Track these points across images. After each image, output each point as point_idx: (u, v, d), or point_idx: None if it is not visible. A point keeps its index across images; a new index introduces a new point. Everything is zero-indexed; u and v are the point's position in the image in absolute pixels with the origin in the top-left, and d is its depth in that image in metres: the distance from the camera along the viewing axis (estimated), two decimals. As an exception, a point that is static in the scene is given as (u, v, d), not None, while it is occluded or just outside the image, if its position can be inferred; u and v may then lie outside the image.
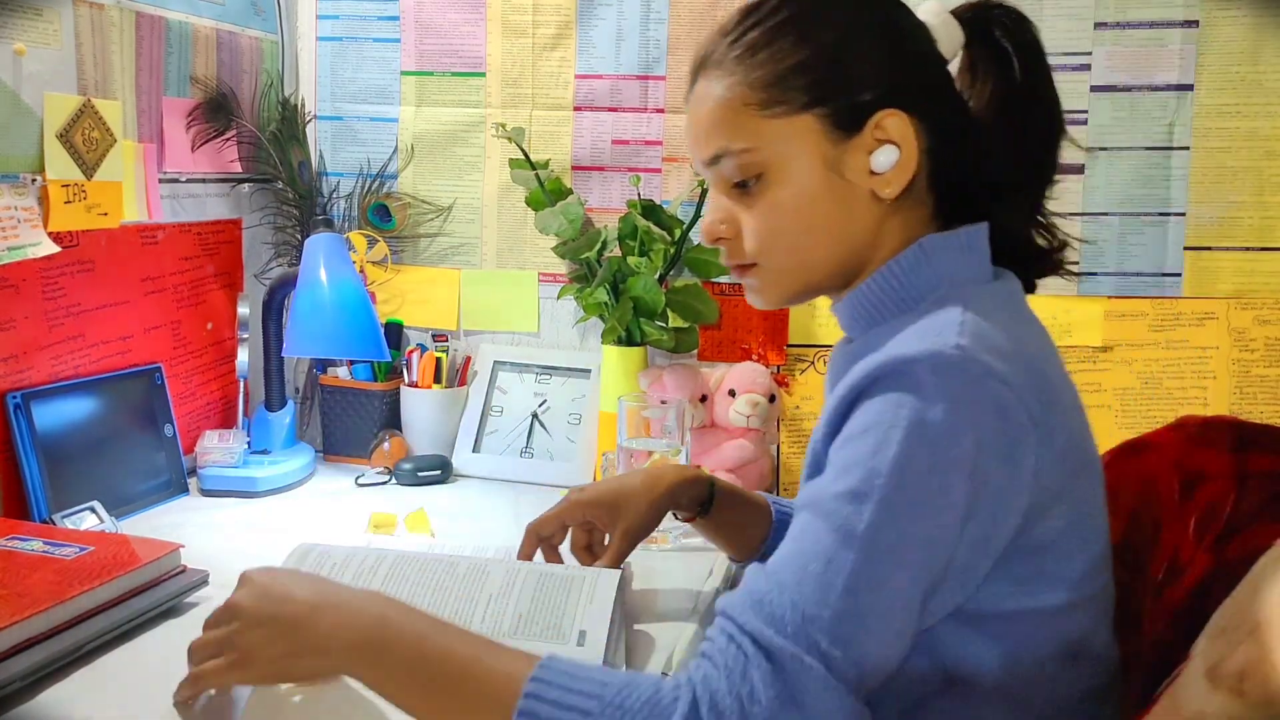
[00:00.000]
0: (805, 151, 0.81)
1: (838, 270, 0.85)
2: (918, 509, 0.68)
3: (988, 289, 0.82)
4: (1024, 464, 0.71)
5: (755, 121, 0.81)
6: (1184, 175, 1.48)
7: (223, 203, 1.62)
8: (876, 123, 0.80)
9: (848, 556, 0.67)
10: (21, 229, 1.20)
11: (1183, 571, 0.85)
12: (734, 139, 0.82)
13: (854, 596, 0.66)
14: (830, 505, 0.69)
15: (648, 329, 1.52)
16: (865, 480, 0.68)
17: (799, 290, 0.87)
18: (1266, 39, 1.44)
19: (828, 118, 0.80)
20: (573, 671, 0.68)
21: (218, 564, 1.09)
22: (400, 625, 0.74)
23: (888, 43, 0.81)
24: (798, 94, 0.80)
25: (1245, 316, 1.48)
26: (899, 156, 0.80)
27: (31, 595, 0.90)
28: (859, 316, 0.85)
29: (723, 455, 1.47)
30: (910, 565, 0.68)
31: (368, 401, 1.64)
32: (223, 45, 1.56)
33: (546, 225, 1.55)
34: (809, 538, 0.69)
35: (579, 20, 1.63)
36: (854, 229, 0.82)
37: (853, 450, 0.70)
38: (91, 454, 1.31)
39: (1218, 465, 0.87)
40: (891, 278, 0.82)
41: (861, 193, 0.81)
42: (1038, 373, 0.75)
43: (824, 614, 0.65)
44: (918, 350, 0.70)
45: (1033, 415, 0.71)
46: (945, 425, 0.68)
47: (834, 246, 0.83)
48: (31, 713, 0.84)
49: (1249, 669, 0.61)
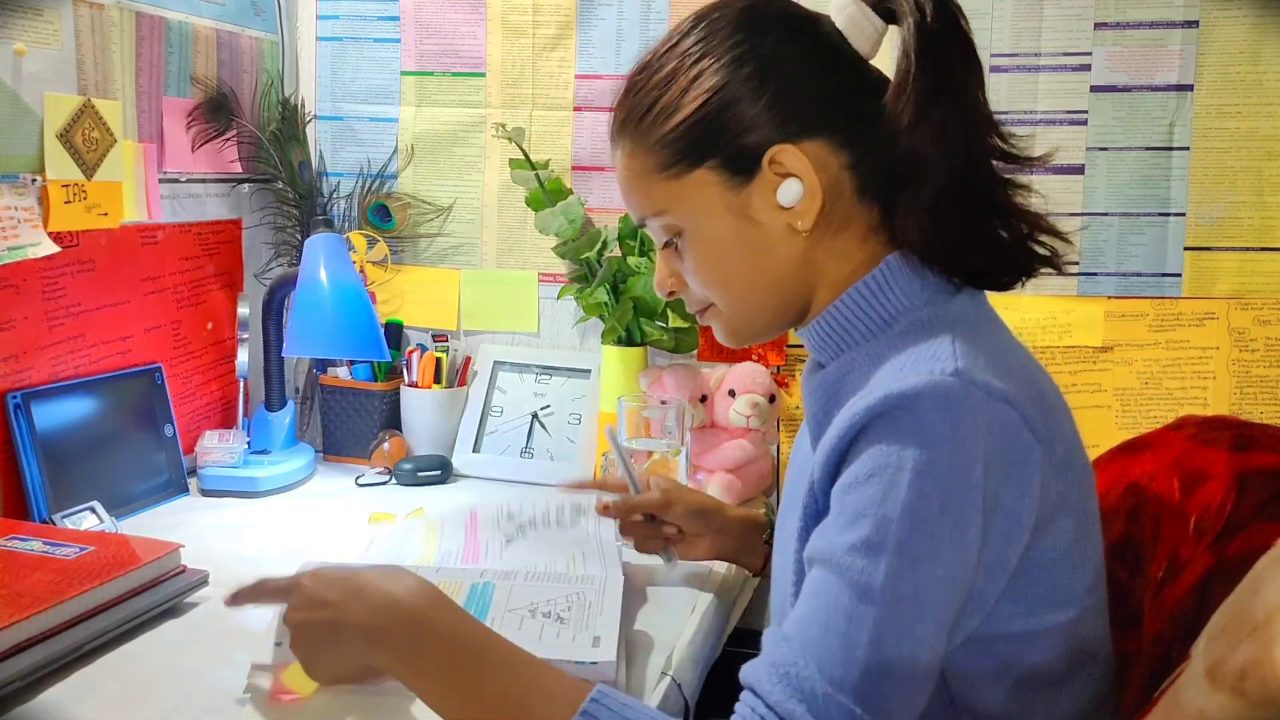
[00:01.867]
0: (710, 206, 0.81)
1: (781, 308, 0.84)
2: (935, 552, 0.67)
3: (967, 304, 0.80)
4: (1032, 480, 0.70)
5: (659, 185, 0.82)
6: (1184, 175, 1.48)
7: (223, 203, 1.62)
8: (770, 159, 0.78)
9: (868, 611, 0.66)
10: (21, 229, 1.20)
11: (1182, 571, 0.85)
12: (645, 205, 0.84)
13: (879, 650, 0.66)
14: (845, 560, 0.68)
15: (648, 329, 1.52)
16: (877, 530, 0.67)
17: (751, 332, 0.87)
18: (1266, 39, 1.44)
19: (721, 168, 0.80)
20: (623, 711, 0.69)
21: (218, 564, 1.09)
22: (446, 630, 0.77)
23: (770, 80, 0.78)
24: (687, 152, 0.80)
25: (1245, 317, 1.48)
26: (803, 188, 0.78)
27: (31, 595, 0.90)
28: (828, 342, 0.83)
29: (723, 455, 1.47)
30: (933, 608, 0.68)
31: (368, 401, 1.64)
32: (223, 45, 1.56)
33: (546, 225, 1.55)
34: (827, 595, 0.68)
35: (579, 20, 1.63)
36: (781, 267, 0.81)
37: (860, 497, 0.69)
38: (91, 454, 1.31)
39: (1218, 465, 0.87)
40: (859, 301, 0.80)
41: (778, 230, 0.80)
42: (1031, 384, 0.74)
43: (851, 674, 0.65)
44: (914, 384, 0.68)
45: (1035, 430, 0.70)
46: (952, 461, 0.67)
47: (765, 287, 0.83)
48: (31, 713, 0.84)
49: (1249, 669, 0.61)
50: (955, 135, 0.76)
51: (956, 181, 0.77)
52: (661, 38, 0.84)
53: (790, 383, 1.60)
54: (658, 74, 0.81)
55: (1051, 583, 0.74)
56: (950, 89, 0.76)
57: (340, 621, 0.78)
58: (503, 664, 0.74)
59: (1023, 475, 0.70)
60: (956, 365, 0.69)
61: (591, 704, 0.69)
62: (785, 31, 0.80)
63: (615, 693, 0.71)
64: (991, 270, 0.82)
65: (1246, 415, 1.47)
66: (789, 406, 1.60)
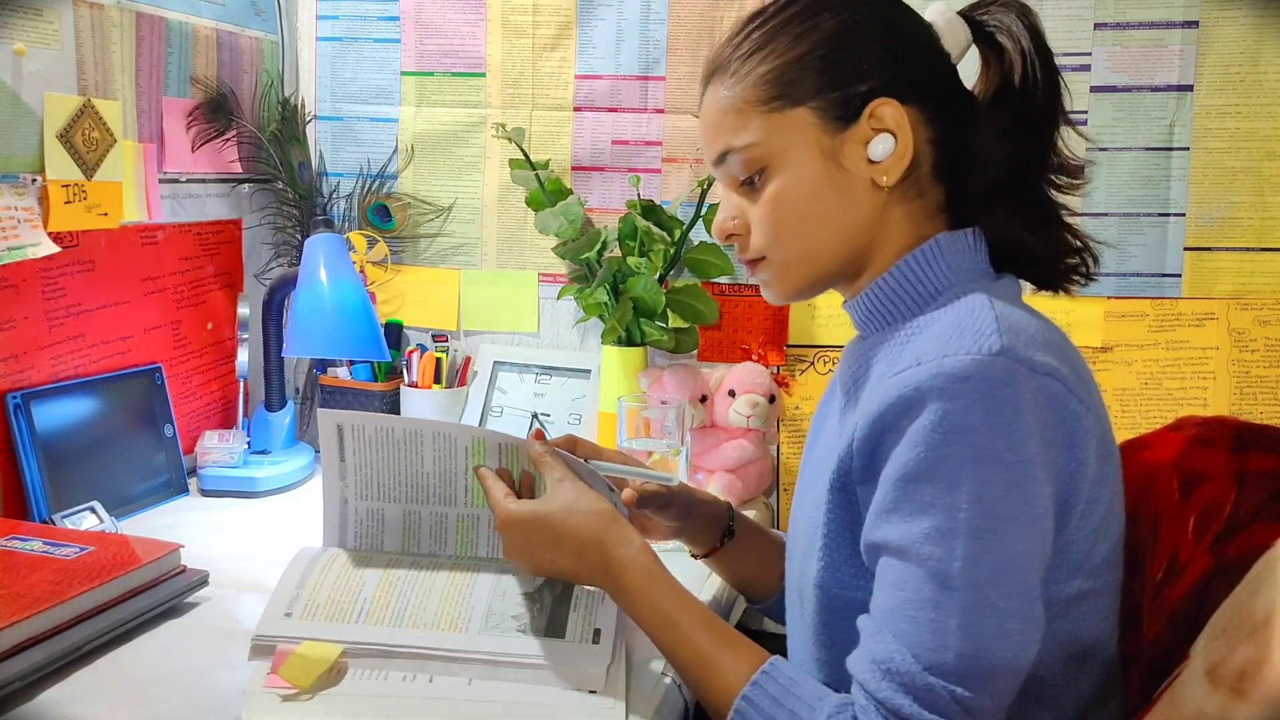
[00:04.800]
0: (804, 144, 0.82)
1: (844, 261, 0.86)
2: (1007, 531, 0.70)
3: (1009, 285, 0.84)
4: (1087, 445, 0.74)
5: (756, 118, 0.83)
6: (1184, 175, 1.48)
7: (223, 203, 1.62)
8: (871, 111, 0.81)
9: (952, 598, 0.69)
10: (21, 229, 1.20)
11: (1182, 571, 0.85)
12: (736, 136, 0.84)
13: (970, 633, 0.68)
14: (921, 549, 0.70)
15: (648, 329, 1.52)
16: (947, 516, 0.69)
17: (808, 281, 0.88)
18: (1266, 39, 1.44)
19: (824, 110, 0.82)
20: (790, 686, 0.77)
21: (218, 564, 1.09)
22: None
23: (883, 37, 0.83)
24: (794, 89, 0.82)
25: (1245, 317, 1.48)
26: (895, 145, 0.81)
27: (31, 595, 0.90)
28: (873, 314, 0.86)
29: (723, 455, 1.47)
30: (1015, 584, 0.70)
31: (368, 402, 1.64)
32: (223, 45, 1.56)
33: (546, 225, 1.55)
34: (910, 586, 0.70)
35: (579, 20, 1.63)
36: (856, 217, 0.83)
37: (924, 486, 0.70)
38: (91, 454, 1.31)
39: (1218, 465, 0.87)
40: (906, 275, 0.83)
41: (862, 182, 0.82)
42: (1068, 359, 0.77)
43: (947, 659, 0.68)
44: (964, 365, 0.70)
45: (1081, 400, 0.74)
46: (1008, 440, 0.69)
47: (837, 235, 0.84)
48: (31, 713, 0.84)
49: (1249, 669, 0.61)
50: (1033, 145, 0.84)
51: (1020, 181, 0.84)
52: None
53: (790, 383, 1.60)
54: (768, 22, 0.84)
55: (1082, 551, 0.76)
56: (1052, 103, 0.84)
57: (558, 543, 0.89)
58: (696, 620, 0.84)
59: (1075, 443, 0.73)
60: (1002, 342, 0.71)
61: (762, 676, 0.78)
62: (894, 6, 0.86)
63: (786, 665, 0.79)
64: (1040, 267, 0.87)
65: (1246, 415, 1.47)
66: (789, 407, 1.60)
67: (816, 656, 0.83)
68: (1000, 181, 0.83)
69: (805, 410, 1.60)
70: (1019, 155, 0.83)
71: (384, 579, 0.96)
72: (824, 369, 1.59)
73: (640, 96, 1.63)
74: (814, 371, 1.60)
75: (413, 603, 0.93)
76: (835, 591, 0.80)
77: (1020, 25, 0.84)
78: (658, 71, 1.62)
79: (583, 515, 0.89)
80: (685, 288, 1.53)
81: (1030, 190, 0.85)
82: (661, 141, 1.63)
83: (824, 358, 1.59)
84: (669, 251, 1.52)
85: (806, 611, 0.84)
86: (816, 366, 1.59)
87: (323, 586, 0.94)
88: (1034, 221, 0.85)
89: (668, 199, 1.62)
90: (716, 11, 1.58)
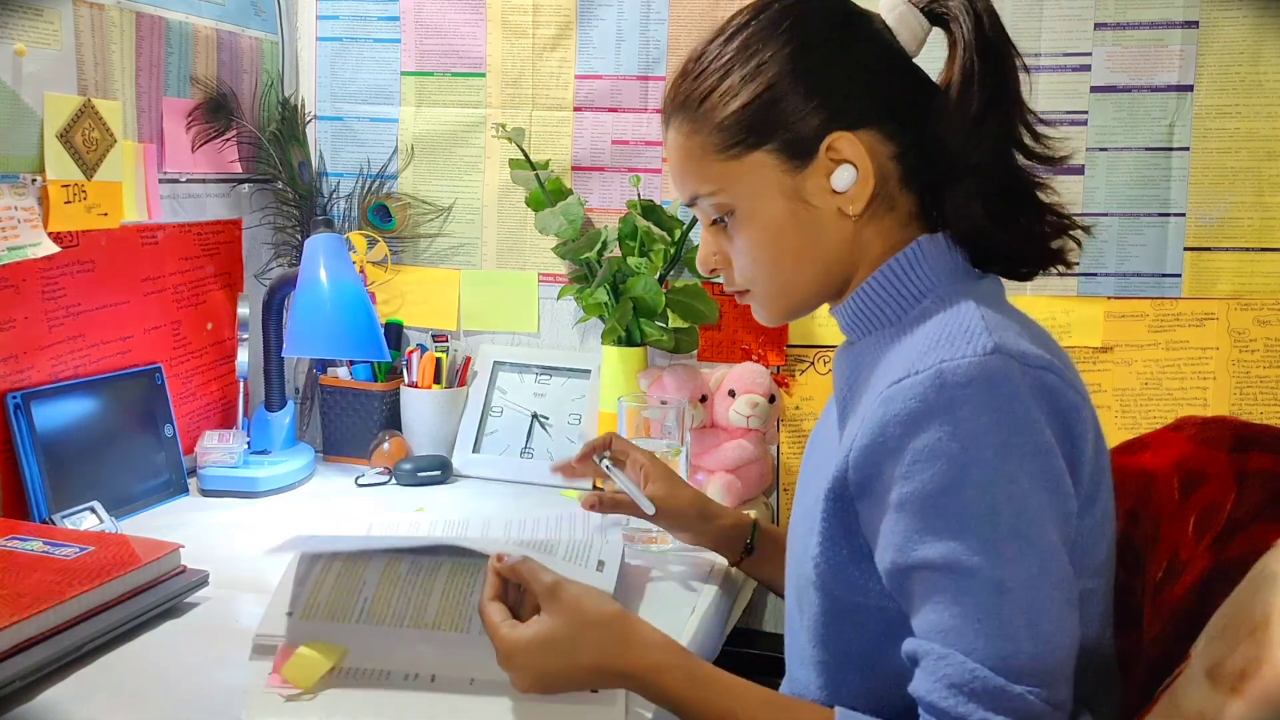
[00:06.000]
0: (766, 186, 0.83)
1: (824, 287, 0.87)
2: (1044, 523, 0.71)
3: (992, 285, 0.84)
4: (1087, 434, 0.75)
5: (716, 165, 0.84)
6: (1184, 175, 1.48)
7: (223, 203, 1.62)
8: (828, 145, 0.81)
9: (1012, 601, 0.69)
10: (21, 229, 1.20)
11: (1182, 571, 0.85)
12: (700, 184, 0.86)
13: (1036, 631, 0.69)
14: (969, 561, 0.70)
15: (648, 329, 1.52)
16: (985, 524, 0.70)
17: (794, 309, 0.90)
18: (1266, 39, 1.44)
19: (779, 151, 0.82)
20: None
21: (218, 564, 1.09)
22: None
23: (829, 68, 0.82)
24: (748, 134, 0.83)
25: (1245, 317, 1.48)
26: (856, 174, 0.81)
27: (31, 595, 0.90)
28: (859, 319, 0.86)
29: (723, 455, 1.47)
30: (1060, 571, 0.71)
31: (368, 402, 1.64)
32: (223, 45, 1.56)
33: (546, 225, 1.55)
34: (969, 599, 0.70)
35: (579, 20, 1.63)
36: (829, 248, 0.85)
37: (953, 500, 0.71)
38: (91, 454, 1.31)
39: (1218, 465, 0.87)
40: (889, 279, 0.84)
41: (829, 213, 0.83)
42: (1060, 354, 0.78)
43: (1023, 663, 0.69)
44: (959, 366, 0.71)
45: (1079, 391, 0.75)
46: (1024, 431, 0.71)
47: (813, 266, 0.86)
48: (31, 713, 0.84)
49: (1249, 669, 0.61)
50: (1000, 131, 0.82)
51: (995, 173, 0.82)
52: (716, 27, 0.87)
53: (790, 383, 1.60)
54: (718, 60, 0.84)
55: (1085, 551, 0.76)
56: (1002, 90, 0.81)
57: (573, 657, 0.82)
58: (752, 703, 0.79)
59: (1076, 433, 0.74)
60: (994, 340, 0.72)
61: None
62: (841, 25, 0.85)
63: (853, 714, 0.75)
64: (1015, 259, 0.86)
65: (1246, 415, 1.47)
66: (789, 407, 1.60)
67: (815, 658, 0.83)
68: (969, 175, 0.81)
69: (805, 410, 1.60)
70: (982, 143, 0.81)
71: (385, 578, 0.96)
72: (824, 369, 1.59)
73: (640, 96, 1.63)
74: (814, 371, 1.60)
75: (414, 602, 0.93)
76: (837, 594, 0.80)
77: (964, 7, 0.81)
78: (658, 71, 1.62)
79: (596, 631, 0.82)
80: (685, 288, 1.53)
81: (999, 179, 0.83)
82: (662, 141, 1.63)
83: (824, 358, 1.59)
84: (669, 251, 1.52)
85: (806, 613, 0.84)
86: (816, 366, 1.59)
87: (324, 586, 0.94)
88: (1008, 212, 0.83)
89: (668, 199, 1.62)
90: (716, 11, 1.58)
